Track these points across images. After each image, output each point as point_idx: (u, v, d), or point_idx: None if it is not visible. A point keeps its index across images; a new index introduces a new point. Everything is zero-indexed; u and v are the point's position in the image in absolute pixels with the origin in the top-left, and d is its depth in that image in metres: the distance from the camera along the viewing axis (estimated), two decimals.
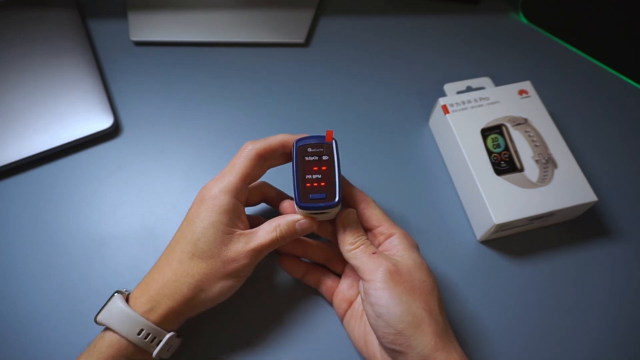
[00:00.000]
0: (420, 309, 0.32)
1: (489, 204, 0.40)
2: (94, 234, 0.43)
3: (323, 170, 0.35)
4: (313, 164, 0.35)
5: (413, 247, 0.36)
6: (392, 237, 0.36)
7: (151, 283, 0.34)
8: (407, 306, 0.32)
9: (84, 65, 0.51)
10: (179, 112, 0.50)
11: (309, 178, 0.35)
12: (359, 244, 0.35)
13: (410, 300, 0.32)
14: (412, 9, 0.59)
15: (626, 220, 0.45)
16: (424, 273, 0.34)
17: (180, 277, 0.34)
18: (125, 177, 0.46)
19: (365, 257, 0.34)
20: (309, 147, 0.36)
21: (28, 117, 0.47)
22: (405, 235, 0.36)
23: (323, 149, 0.35)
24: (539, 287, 0.41)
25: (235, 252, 0.34)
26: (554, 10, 0.56)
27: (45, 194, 0.45)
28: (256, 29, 0.55)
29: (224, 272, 0.34)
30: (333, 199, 0.34)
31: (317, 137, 0.36)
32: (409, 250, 0.35)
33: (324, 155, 0.35)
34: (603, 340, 0.39)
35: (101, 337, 0.33)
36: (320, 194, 0.34)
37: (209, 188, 0.36)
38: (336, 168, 0.35)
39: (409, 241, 0.36)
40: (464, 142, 0.43)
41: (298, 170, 0.35)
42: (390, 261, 0.34)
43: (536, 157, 0.42)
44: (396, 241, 0.36)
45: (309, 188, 0.34)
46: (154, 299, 0.33)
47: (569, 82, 0.53)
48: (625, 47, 0.52)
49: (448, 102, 0.45)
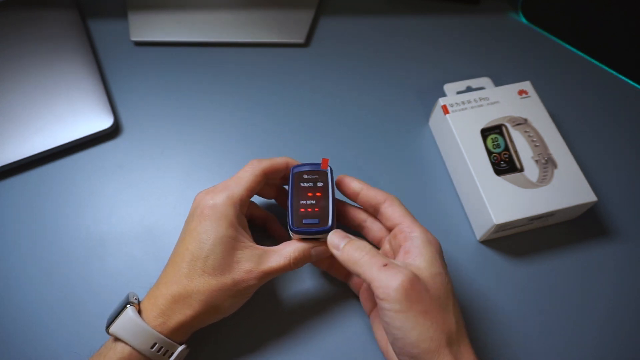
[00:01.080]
0: (439, 332, 0.29)
1: (489, 204, 0.40)
2: (94, 234, 0.43)
3: (317, 196, 0.36)
4: (308, 190, 0.36)
5: (432, 247, 0.33)
6: (412, 237, 0.34)
7: (160, 298, 0.33)
8: (424, 329, 0.29)
9: (84, 65, 0.51)
10: (179, 112, 0.50)
11: (303, 203, 0.36)
12: (365, 252, 0.32)
13: (427, 324, 0.29)
14: (412, 9, 0.59)
15: (626, 220, 0.45)
16: (441, 281, 0.31)
17: (191, 293, 0.33)
18: (125, 177, 0.46)
19: (374, 269, 0.31)
20: (305, 174, 0.37)
21: (28, 117, 0.47)
22: (424, 234, 0.34)
23: (318, 175, 0.36)
24: (539, 287, 0.41)
25: (246, 272, 0.34)
26: (554, 10, 0.56)
27: (45, 194, 0.45)
28: (256, 29, 0.55)
29: (233, 289, 0.34)
30: (326, 224, 0.35)
31: (313, 165, 0.37)
32: (427, 253, 0.32)
33: (319, 182, 0.36)
34: (603, 340, 0.39)
35: (111, 347, 0.32)
36: (314, 219, 0.35)
37: (213, 198, 0.35)
38: (330, 195, 0.36)
39: (429, 241, 0.33)
40: (463, 142, 0.43)
41: (293, 195, 0.36)
42: (404, 274, 0.30)
43: (536, 157, 0.42)
44: (417, 242, 0.33)
45: (303, 213, 0.35)
46: (165, 313, 0.33)
47: (569, 82, 0.53)
48: (625, 47, 0.52)
49: (448, 102, 0.45)
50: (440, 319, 0.30)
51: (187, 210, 0.45)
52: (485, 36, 0.57)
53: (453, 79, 0.50)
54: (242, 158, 0.48)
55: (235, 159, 0.48)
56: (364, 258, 0.32)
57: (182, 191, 0.46)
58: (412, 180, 0.47)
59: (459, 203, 0.46)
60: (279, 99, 0.51)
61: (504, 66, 0.54)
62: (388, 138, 0.49)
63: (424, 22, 0.57)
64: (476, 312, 0.40)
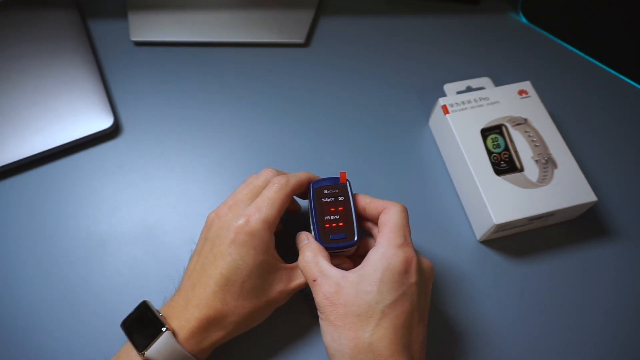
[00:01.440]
0: (345, 341, 0.31)
1: (489, 204, 0.40)
2: (94, 234, 0.43)
3: (340, 210, 0.36)
4: (330, 205, 0.37)
5: (381, 263, 0.32)
6: (374, 248, 0.34)
7: (192, 320, 0.33)
8: (332, 337, 0.32)
9: (84, 65, 0.51)
10: (179, 112, 0.50)
11: (328, 219, 0.36)
12: (306, 262, 0.35)
13: (334, 332, 0.31)
14: (412, 9, 0.59)
15: (626, 220, 0.45)
16: (365, 300, 0.31)
17: (225, 316, 0.33)
18: (125, 177, 0.46)
19: (309, 281, 0.34)
20: (325, 189, 0.37)
21: (28, 117, 0.47)
22: (385, 249, 0.33)
23: (338, 189, 0.37)
24: (539, 287, 0.41)
25: (279, 293, 0.35)
26: (554, 10, 0.56)
27: (45, 194, 0.45)
28: (256, 29, 0.55)
29: (266, 308, 0.35)
30: (352, 238, 0.36)
31: (331, 179, 0.37)
32: (369, 268, 0.32)
33: (340, 196, 0.37)
34: (603, 340, 0.39)
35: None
36: (340, 234, 0.36)
37: (248, 224, 0.34)
38: (352, 208, 0.36)
39: (384, 257, 0.32)
40: (463, 142, 0.43)
41: (316, 212, 0.36)
42: (324, 288, 0.32)
43: (536, 157, 0.42)
44: (372, 254, 0.33)
45: (329, 229, 0.36)
46: (197, 335, 0.33)
47: (569, 82, 0.53)
48: (625, 47, 0.52)
49: (448, 102, 0.45)
50: (351, 331, 0.31)
51: (187, 210, 0.45)
52: (485, 36, 0.57)
53: (453, 79, 0.50)
54: (242, 158, 0.48)
55: (235, 158, 0.48)
56: (305, 266, 0.35)
57: (182, 191, 0.46)
58: (412, 180, 0.47)
59: (459, 203, 0.46)
60: (278, 99, 0.51)
61: (504, 66, 0.54)
62: (388, 138, 0.49)
63: (424, 22, 0.57)
64: (476, 312, 0.40)
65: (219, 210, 0.36)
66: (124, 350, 0.33)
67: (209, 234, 0.36)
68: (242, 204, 0.36)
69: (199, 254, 0.36)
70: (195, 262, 0.36)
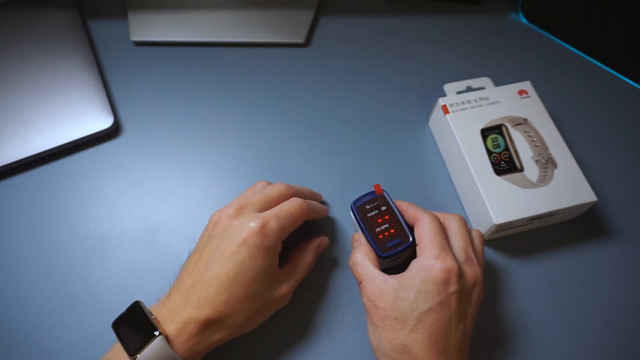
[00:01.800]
0: (385, 341, 0.33)
1: (489, 204, 0.40)
2: (94, 234, 0.43)
3: (387, 219, 0.39)
4: (376, 218, 0.39)
5: (420, 274, 0.33)
6: (415, 259, 0.35)
7: (190, 324, 0.32)
8: (374, 336, 0.34)
9: (84, 65, 0.51)
10: (179, 112, 0.50)
11: (379, 230, 0.38)
12: (358, 266, 0.37)
13: (376, 332, 0.34)
14: (412, 9, 0.59)
15: (626, 220, 0.45)
16: (403, 306, 0.33)
17: (227, 318, 0.33)
18: (125, 177, 0.46)
19: (358, 281, 0.36)
20: (366, 205, 0.39)
21: (28, 117, 0.47)
22: (423, 260, 0.34)
23: (378, 201, 0.39)
24: (539, 287, 0.41)
25: (281, 294, 0.36)
26: (554, 10, 0.56)
27: (45, 194, 0.45)
28: (256, 29, 0.55)
29: (268, 309, 0.36)
30: (407, 240, 0.38)
31: (369, 194, 0.40)
32: (408, 277, 0.34)
33: (382, 207, 0.39)
34: (603, 340, 0.39)
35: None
36: (395, 240, 0.38)
37: (264, 229, 0.34)
38: (397, 213, 0.39)
39: (424, 268, 0.33)
40: (463, 142, 0.43)
41: (367, 227, 0.38)
42: (366, 292, 0.35)
43: (536, 157, 0.42)
44: (413, 265, 0.35)
45: (383, 239, 0.38)
46: (194, 339, 0.32)
47: (569, 82, 0.53)
48: (625, 47, 0.52)
49: (448, 102, 0.45)
50: (389, 333, 0.33)
51: (186, 210, 0.45)
52: (485, 36, 0.57)
53: (453, 79, 0.50)
54: (241, 158, 0.48)
55: (235, 158, 0.48)
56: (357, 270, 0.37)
57: (182, 191, 0.46)
58: (412, 180, 0.47)
59: (459, 203, 0.46)
60: (278, 99, 0.51)
61: (504, 66, 0.54)
62: (388, 138, 0.49)
63: (424, 22, 0.57)
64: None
65: (226, 211, 0.36)
66: (114, 352, 0.33)
67: (213, 233, 0.35)
68: (253, 208, 0.36)
69: (201, 252, 0.35)
70: (197, 260, 0.35)
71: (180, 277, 0.35)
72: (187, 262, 0.36)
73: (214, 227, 0.36)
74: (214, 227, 0.36)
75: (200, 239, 0.37)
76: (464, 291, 0.34)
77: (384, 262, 0.38)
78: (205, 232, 0.37)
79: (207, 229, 0.37)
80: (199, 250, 0.36)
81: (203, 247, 0.35)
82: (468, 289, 0.34)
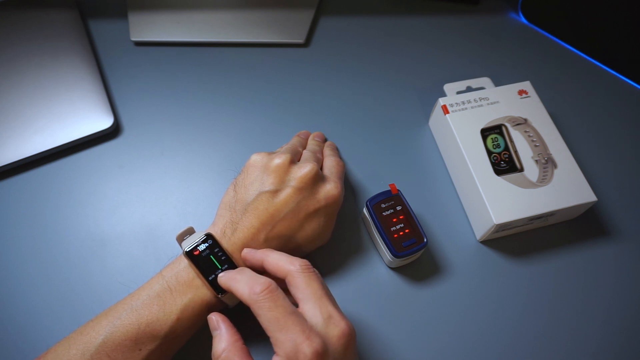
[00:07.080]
0: None
1: (489, 204, 0.40)
2: (94, 234, 0.43)
3: (402, 219, 0.39)
4: (392, 217, 0.39)
5: (281, 339, 0.27)
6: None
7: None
8: None
9: (84, 65, 0.51)
10: (179, 112, 0.50)
11: (394, 229, 0.39)
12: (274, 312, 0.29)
13: None
14: (412, 9, 0.59)
15: (626, 220, 0.45)
16: None
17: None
18: (125, 177, 0.46)
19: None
20: (382, 204, 0.40)
21: (28, 117, 0.47)
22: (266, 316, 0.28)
23: (393, 201, 0.40)
24: (538, 287, 0.41)
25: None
26: (554, 10, 0.56)
27: (45, 194, 0.45)
28: (256, 29, 0.55)
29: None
30: (422, 240, 0.38)
31: (384, 193, 0.40)
32: (276, 348, 0.28)
33: (397, 206, 0.40)
34: (603, 340, 0.39)
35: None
36: (410, 239, 0.38)
37: (341, 194, 0.39)
38: (412, 214, 0.39)
39: (274, 328, 0.28)
40: (463, 142, 0.43)
41: (382, 226, 0.39)
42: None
43: (536, 157, 0.42)
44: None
45: (398, 238, 0.38)
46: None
47: (569, 82, 0.53)
48: (625, 47, 0.52)
49: (448, 102, 0.45)
50: None
51: (186, 209, 0.45)
52: (485, 36, 0.57)
53: (453, 79, 0.50)
54: (241, 158, 0.48)
55: (235, 158, 0.48)
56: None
57: (182, 191, 0.46)
58: (412, 180, 0.47)
59: (459, 203, 0.46)
60: (278, 99, 0.51)
61: (504, 66, 0.54)
62: (388, 138, 0.49)
63: (424, 22, 0.57)
64: (476, 312, 0.40)
65: (278, 157, 0.38)
66: (189, 279, 0.34)
67: (267, 169, 0.37)
68: (308, 163, 0.38)
69: (249, 186, 0.37)
70: (246, 192, 0.37)
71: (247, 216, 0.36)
72: (234, 190, 0.38)
73: (265, 167, 0.38)
74: (265, 168, 0.38)
75: (244, 171, 0.39)
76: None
77: (396, 261, 0.39)
78: (254, 169, 0.38)
79: (255, 167, 0.38)
80: (250, 182, 0.38)
81: (253, 180, 0.38)
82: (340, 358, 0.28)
